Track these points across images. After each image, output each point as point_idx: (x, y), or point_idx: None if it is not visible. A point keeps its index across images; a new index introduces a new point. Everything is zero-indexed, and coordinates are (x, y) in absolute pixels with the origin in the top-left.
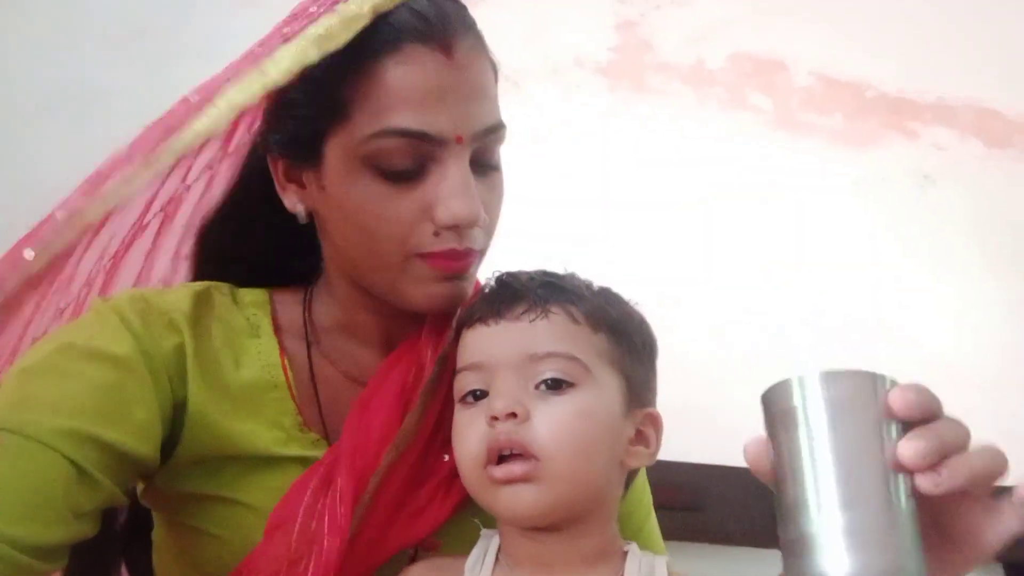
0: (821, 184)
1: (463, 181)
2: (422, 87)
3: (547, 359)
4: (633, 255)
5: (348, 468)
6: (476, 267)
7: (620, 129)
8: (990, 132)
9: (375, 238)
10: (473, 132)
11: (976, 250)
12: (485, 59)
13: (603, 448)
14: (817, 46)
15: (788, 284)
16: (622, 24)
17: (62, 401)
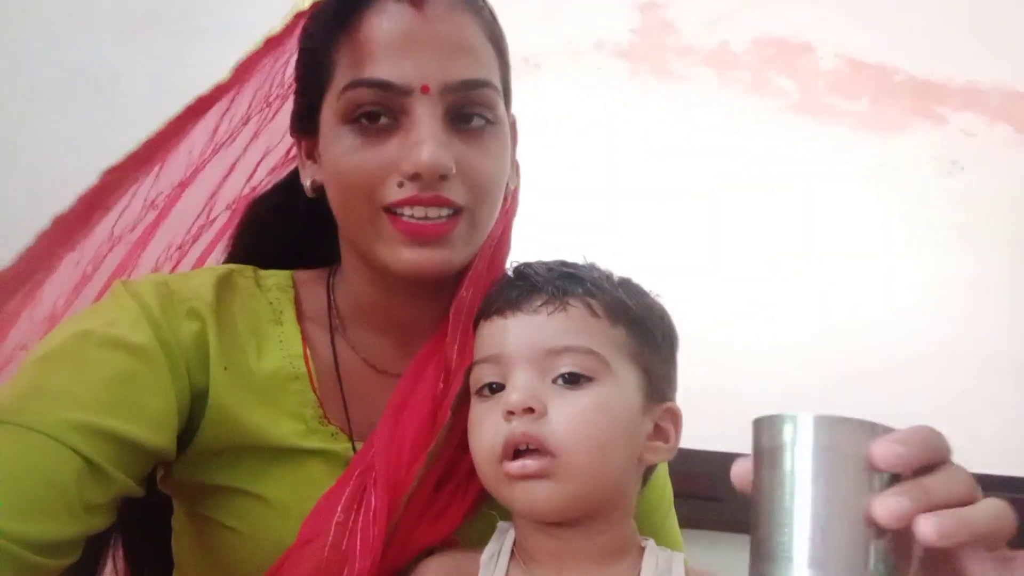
0: (846, 170)
1: (428, 130)
2: (388, 37)
3: (565, 353)
4: (655, 241)
5: (383, 486)
6: (463, 231)
7: (641, 113)
8: (1020, 117)
9: (348, 193)
10: (443, 83)
11: (1004, 238)
12: (468, 19)
13: (620, 444)
14: (843, 28)
15: (811, 272)
16: (645, 5)
17: (75, 393)
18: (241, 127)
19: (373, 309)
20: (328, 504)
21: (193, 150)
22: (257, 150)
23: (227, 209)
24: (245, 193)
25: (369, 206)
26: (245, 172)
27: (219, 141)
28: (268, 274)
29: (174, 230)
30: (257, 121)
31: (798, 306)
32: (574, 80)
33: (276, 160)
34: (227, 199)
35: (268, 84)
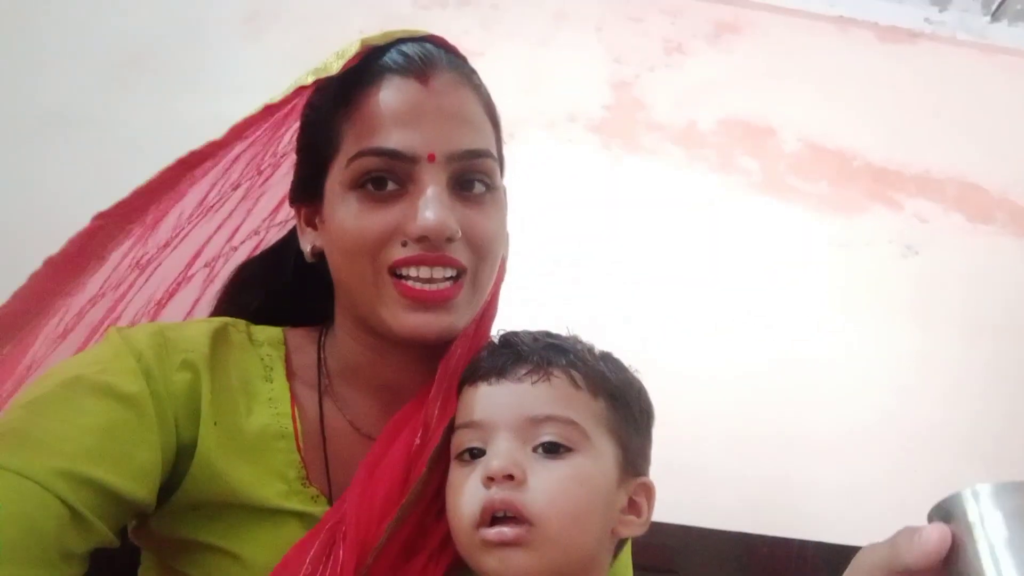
0: (806, 247)
1: (434, 195)
2: (396, 109)
3: (547, 422)
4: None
5: (351, 540)
6: (465, 294)
7: (612, 184)
8: (973, 206)
9: (352, 256)
10: (448, 152)
11: (956, 320)
12: (469, 93)
13: (596, 516)
14: (806, 113)
15: (772, 346)
16: (617, 83)
17: (63, 440)
18: (231, 192)
19: (363, 370)
20: (297, 556)
21: (183, 213)
22: (241, 211)
23: (205, 267)
24: (224, 251)
25: (373, 267)
26: (227, 232)
27: (208, 205)
28: (259, 330)
29: (154, 286)
30: (247, 187)
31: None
32: (547, 150)
33: (257, 222)
34: (207, 258)
35: (262, 153)
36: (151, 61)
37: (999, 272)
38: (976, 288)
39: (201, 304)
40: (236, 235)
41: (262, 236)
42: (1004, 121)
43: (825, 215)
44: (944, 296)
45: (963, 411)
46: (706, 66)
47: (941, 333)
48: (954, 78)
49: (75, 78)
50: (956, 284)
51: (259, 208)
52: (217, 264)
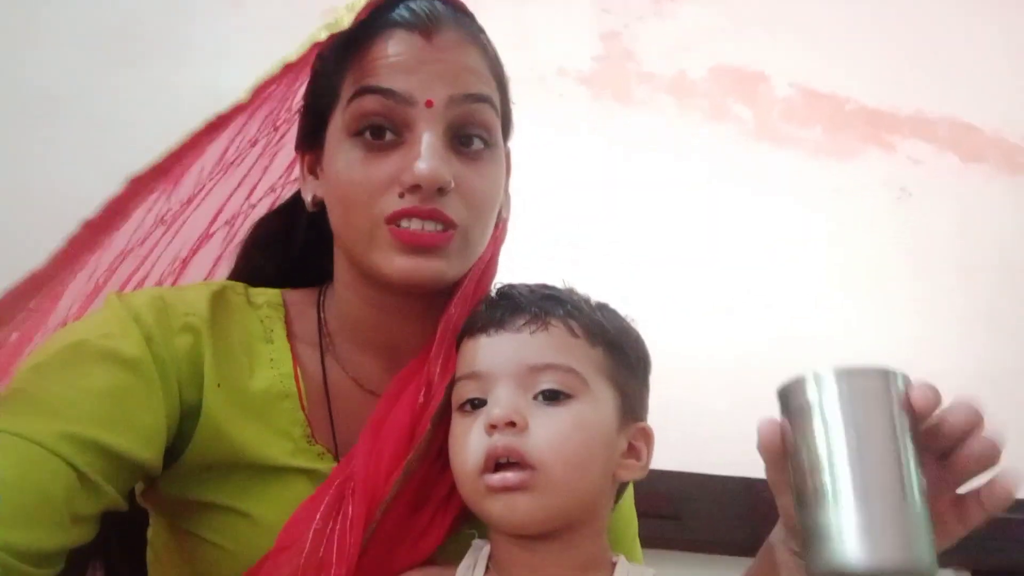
0: (801, 194)
1: (430, 144)
2: (396, 57)
3: (546, 370)
4: (612, 263)
5: (360, 496)
6: (458, 245)
7: (603, 137)
8: (966, 147)
9: (349, 205)
10: (448, 96)
11: (950, 261)
12: (473, 49)
13: (598, 460)
14: (797, 58)
15: (768, 293)
16: (606, 34)
17: (68, 404)
18: (249, 148)
19: (363, 327)
20: (307, 512)
21: (204, 169)
22: (259, 168)
23: (225, 224)
24: (243, 209)
25: (369, 217)
26: (246, 190)
27: (228, 161)
28: (258, 292)
29: (180, 244)
30: (264, 144)
31: (756, 324)
32: (537, 105)
33: (274, 178)
34: (227, 215)
35: (278, 108)
36: (135, 33)
37: (992, 211)
38: (970, 228)
39: (221, 263)
40: (254, 192)
41: (279, 193)
42: (996, 60)
43: (820, 161)
44: (938, 237)
45: (963, 354)
46: (695, 14)
47: (936, 275)
48: (945, 17)
49: (61, 52)
50: (950, 225)
51: (276, 165)
52: (237, 222)
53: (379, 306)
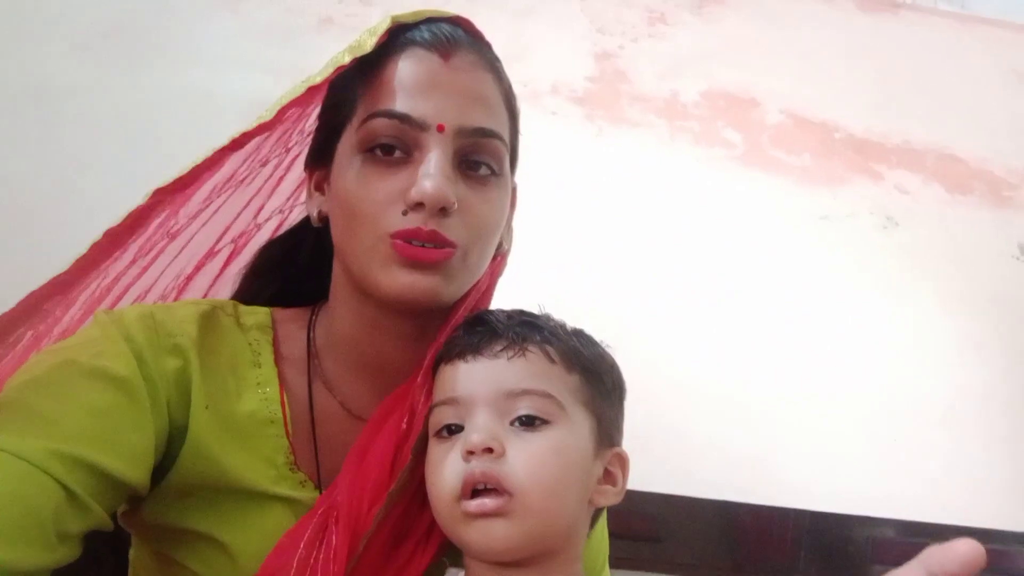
0: (788, 220)
1: (436, 164)
2: (413, 78)
3: (523, 396)
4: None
5: (343, 526)
6: (456, 266)
7: (594, 157)
8: (952, 178)
9: (355, 220)
10: (458, 125)
11: (933, 291)
12: (488, 76)
13: (574, 486)
14: (789, 86)
15: (754, 317)
16: (600, 54)
17: (57, 421)
18: (259, 168)
19: (355, 346)
20: (291, 540)
21: (215, 185)
22: (268, 188)
23: (231, 243)
24: (249, 228)
25: (373, 232)
26: (254, 209)
27: (239, 179)
28: (248, 311)
29: (185, 260)
30: (275, 164)
31: (739, 347)
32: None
33: (282, 200)
34: (233, 234)
35: (291, 130)
36: (127, 33)
37: (977, 242)
38: (955, 259)
39: (220, 282)
40: (262, 212)
41: (286, 215)
42: (983, 92)
43: (807, 187)
44: (923, 267)
45: (943, 381)
46: (689, 37)
47: (920, 304)
48: (934, 49)
49: (49, 52)
50: (935, 255)
51: (284, 186)
52: (241, 241)
53: (373, 325)
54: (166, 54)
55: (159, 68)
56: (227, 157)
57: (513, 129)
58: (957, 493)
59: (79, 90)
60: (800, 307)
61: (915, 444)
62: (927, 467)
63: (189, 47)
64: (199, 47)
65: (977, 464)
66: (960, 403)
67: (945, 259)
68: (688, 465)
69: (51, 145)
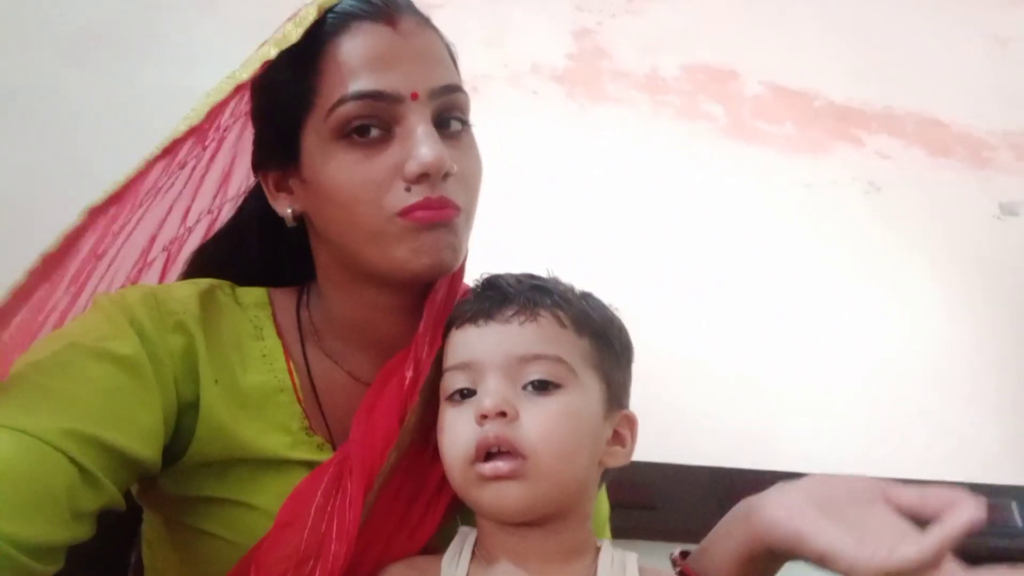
0: (772, 190)
1: (425, 132)
2: (372, 53)
3: (535, 361)
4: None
5: (357, 472)
6: (462, 224)
7: (577, 135)
8: (933, 141)
9: (354, 208)
10: (429, 88)
11: (918, 253)
12: (434, 34)
13: (585, 448)
14: (768, 56)
15: (742, 287)
16: (579, 32)
17: (68, 401)
18: (178, 171)
19: (354, 325)
20: (307, 490)
21: (136, 196)
22: (190, 191)
23: (163, 251)
24: (180, 234)
25: (378, 214)
26: (179, 214)
27: (158, 187)
28: (245, 291)
29: (113, 275)
30: (192, 166)
31: (729, 318)
32: (511, 102)
33: (208, 200)
34: (163, 241)
35: (206, 129)
36: (106, 33)
37: (959, 205)
38: (938, 221)
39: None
40: (188, 216)
41: (215, 215)
42: (963, 56)
43: (790, 157)
44: (907, 230)
45: (929, 343)
46: (668, 13)
47: (906, 267)
48: (914, 14)
49: (28, 52)
50: (919, 218)
51: (207, 185)
52: (173, 247)
53: (371, 305)
54: (150, 56)
55: (143, 70)
56: (160, 164)
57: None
58: (950, 451)
59: (63, 92)
60: (787, 276)
61: (907, 405)
62: (919, 427)
63: (172, 48)
64: (181, 48)
65: (968, 422)
66: (949, 363)
67: (929, 222)
68: (680, 436)
69: (34, 146)
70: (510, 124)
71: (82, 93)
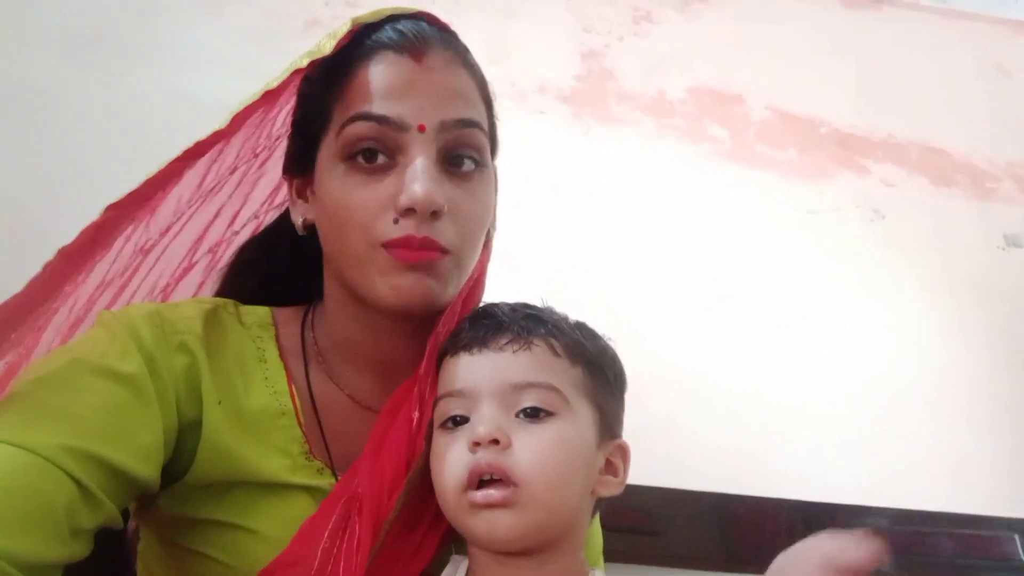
0: (775, 214)
1: (423, 167)
2: (389, 82)
3: (528, 389)
4: (590, 280)
5: (367, 516)
6: (449, 267)
7: (582, 156)
8: (937, 170)
9: (345, 230)
10: (439, 122)
11: (920, 282)
12: (461, 71)
13: (578, 476)
14: (774, 82)
15: (744, 312)
16: (586, 53)
17: (69, 418)
18: (228, 176)
19: (356, 346)
20: (313, 529)
21: (182, 197)
22: (239, 196)
23: (208, 252)
24: (227, 237)
25: (365, 241)
26: (227, 218)
27: (207, 189)
28: (248, 311)
29: (159, 273)
30: (243, 171)
31: (729, 340)
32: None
33: (256, 206)
34: (209, 243)
35: (256, 136)
36: (109, 36)
37: (962, 234)
38: (940, 250)
39: (204, 290)
40: (236, 220)
41: (261, 219)
42: (965, 86)
43: (794, 182)
44: (909, 258)
45: (930, 371)
46: (674, 35)
47: (907, 295)
48: (917, 44)
49: (30, 55)
50: (921, 247)
51: (257, 192)
52: (220, 249)
53: (371, 327)
54: (151, 58)
55: (144, 72)
56: (185, 168)
57: (490, 118)
58: (944, 480)
59: (65, 94)
60: (788, 300)
61: (903, 434)
62: (915, 455)
63: (174, 51)
64: (184, 51)
65: (963, 451)
66: (947, 392)
67: (931, 250)
68: (680, 459)
69: (37, 149)
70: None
71: (83, 95)
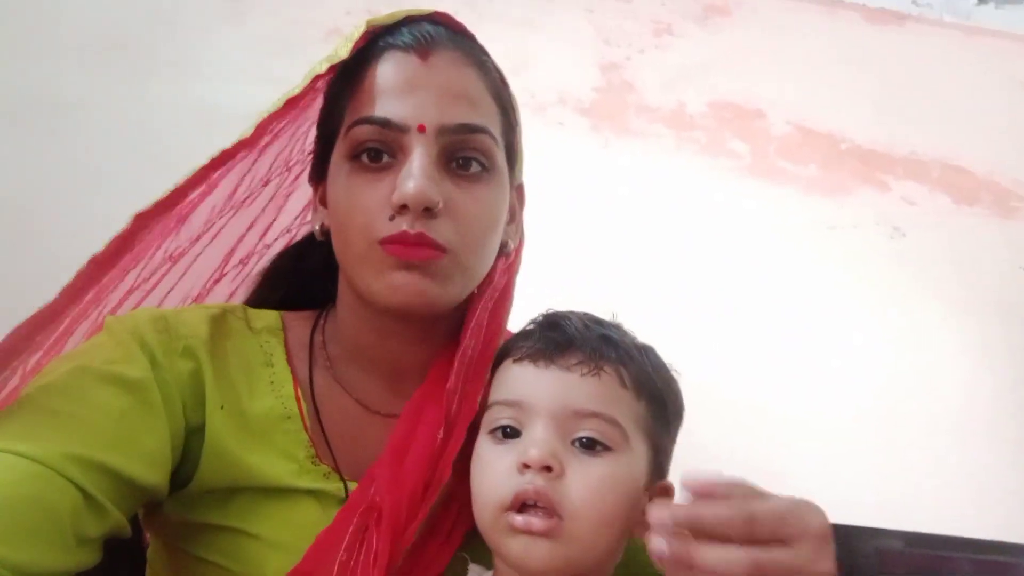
0: (794, 230)
1: (419, 165)
2: (393, 82)
3: (591, 418)
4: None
5: (386, 529)
6: (448, 267)
7: (601, 168)
8: (958, 188)
9: (347, 229)
10: (440, 124)
11: (941, 301)
12: (471, 71)
13: (622, 517)
14: (795, 97)
15: (763, 327)
16: (606, 65)
17: (74, 426)
18: (261, 188)
19: (365, 349)
20: (330, 541)
21: (214, 207)
22: (272, 209)
23: (239, 264)
24: (258, 249)
25: (364, 239)
26: (260, 230)
27: (239, 200)
28: (257, 315)
29: (190, 283)
30: (277, 184)
31: (747, 356)
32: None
33: (289, 220)
34: (240, 255)
35: (288, 148)
36: (131, 45)
37: (983, 253)
38: (962, 269)
39: (235, 300)
40: (268, 233)
41: (294, 233)
42: (988, 103)
43: (814, 198)
44: (930, 277)
45: (950, 392)
46: (695, 48)
47: (928, 314)
48: (940, 60)
49: (54, 63)
50: (942, 265)
51: (290, 206)
52: (251, 261)
53: (378, 330)
54: (171, 67)
55: (164, 81)
56: (209, 175)
57: (507, 122)
58: (965, 503)
59: (84, 102)
60: (807, 317)
61: (923, 454)
62: (935, 477)
63: (194, 60)
64: (204, 60)
65: (985, 474)
66: (968, 413)
67: (952, 269)
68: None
69: (56, 157)
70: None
71: (104, 103)
